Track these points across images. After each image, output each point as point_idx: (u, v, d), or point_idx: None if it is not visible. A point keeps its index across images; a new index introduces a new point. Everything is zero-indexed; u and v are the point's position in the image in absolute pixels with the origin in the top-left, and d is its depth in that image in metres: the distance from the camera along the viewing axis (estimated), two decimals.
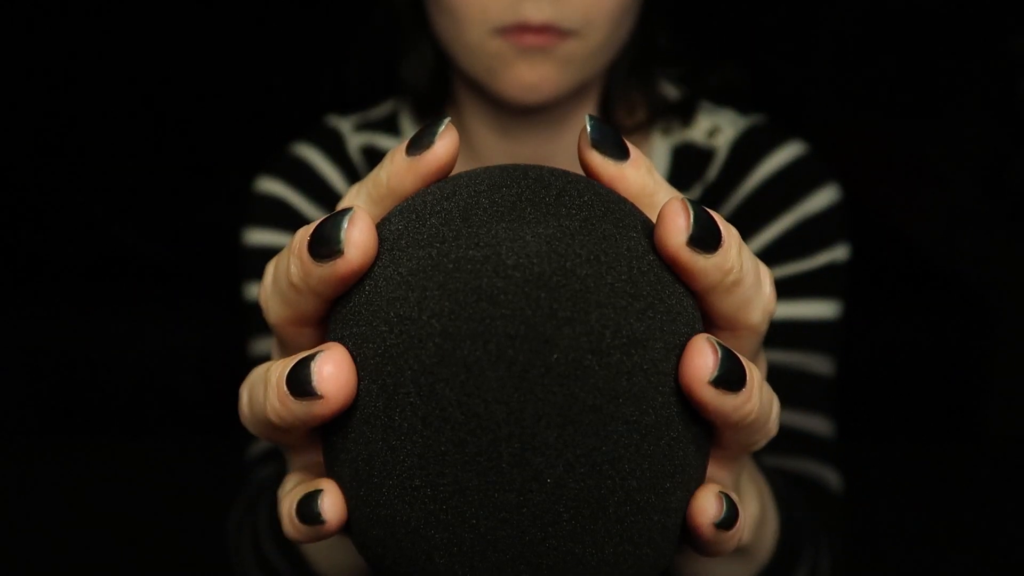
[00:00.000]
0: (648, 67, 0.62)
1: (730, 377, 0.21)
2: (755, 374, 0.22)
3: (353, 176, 0.65)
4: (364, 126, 0.67)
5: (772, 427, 0.25)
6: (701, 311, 0.24)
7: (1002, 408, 1.82)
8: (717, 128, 0.63)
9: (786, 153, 0.61)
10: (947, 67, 2.12)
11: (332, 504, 0.23)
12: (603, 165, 0.24)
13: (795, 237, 0.59)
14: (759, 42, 2.06)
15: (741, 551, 0.36)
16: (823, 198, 0.60)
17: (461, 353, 0.20)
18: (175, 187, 2.09)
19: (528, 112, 0.58)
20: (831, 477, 0.57)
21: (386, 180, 0.24)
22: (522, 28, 0.50)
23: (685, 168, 0.63)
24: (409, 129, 0.66)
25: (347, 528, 0.24)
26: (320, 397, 0.21)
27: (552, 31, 0.51)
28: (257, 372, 0.24)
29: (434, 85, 0.62)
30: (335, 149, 0.65)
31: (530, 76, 0.52)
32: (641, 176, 0.24)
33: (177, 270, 1.94)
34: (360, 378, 0.21)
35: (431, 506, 0.21)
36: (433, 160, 0.24)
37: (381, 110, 0.68)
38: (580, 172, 0.60)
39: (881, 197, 2.10)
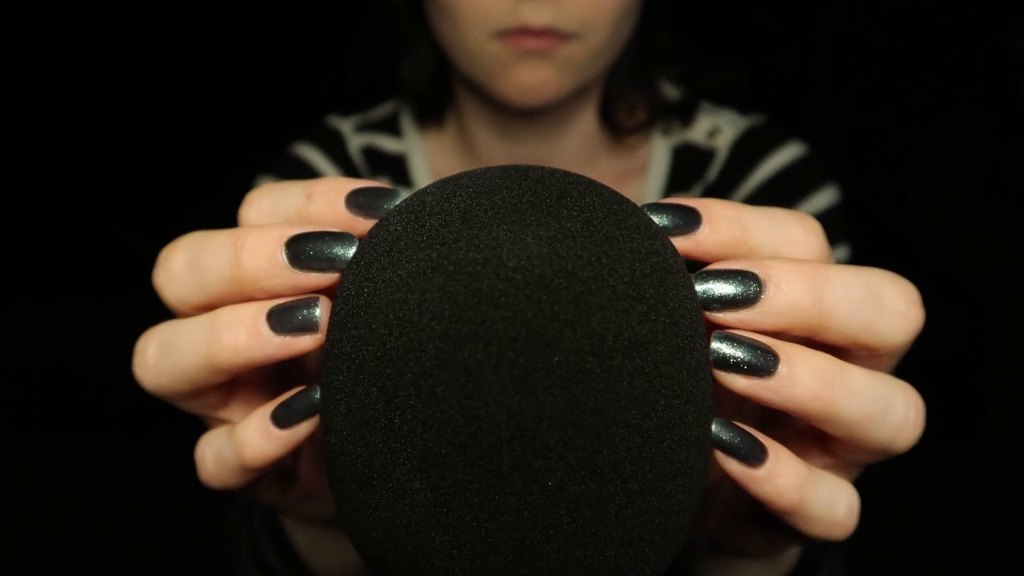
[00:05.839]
0: (648, 68, 0.62)
1: (742, 364, 0.22)
2: (807, 360, 0.22)
3: (353, 176, 0.65)
4: (365, 127, 0.66)
5: (908, 428, 0.23)
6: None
7: (1002, 408, 1.82)
8: (717, 128, 0.63)
9: (786, 154, 0.61)
10: (947, 67, 2.12)
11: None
12: (677, 244, 0.23)
13: None
14: (759, 42, 2.06)
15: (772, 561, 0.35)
16: (823, 199, 0.60)
17: (462, 356, 0.20)
18: (175, 186, 2.09)
19: (528, 114, 0.58)
20: None
21: (315, 219, 0.24)
22: (522, 32, 0.50)
23: (685, 168, 0.63)
24: (410, 130, 0.66)
25: (346, 529, 0.24)
26: (317, 333, 0.23)
27: (552, 34, 0.51)
28: (176, 325, 0.25)
29: (433, 86, 0.62)
30: (335, 149, 0.65)
31: (530, 79, 0.52)
32: (723, 234, 0.23)
33: None
34: (359, 381, 0.21)
35: (431, 509, 0.20)
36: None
37: (382, 111, 0.67)
38: (581, 173, 0.60)
39: (881, 197, 2.09)
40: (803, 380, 0.22)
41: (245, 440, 0.24)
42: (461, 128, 0.63)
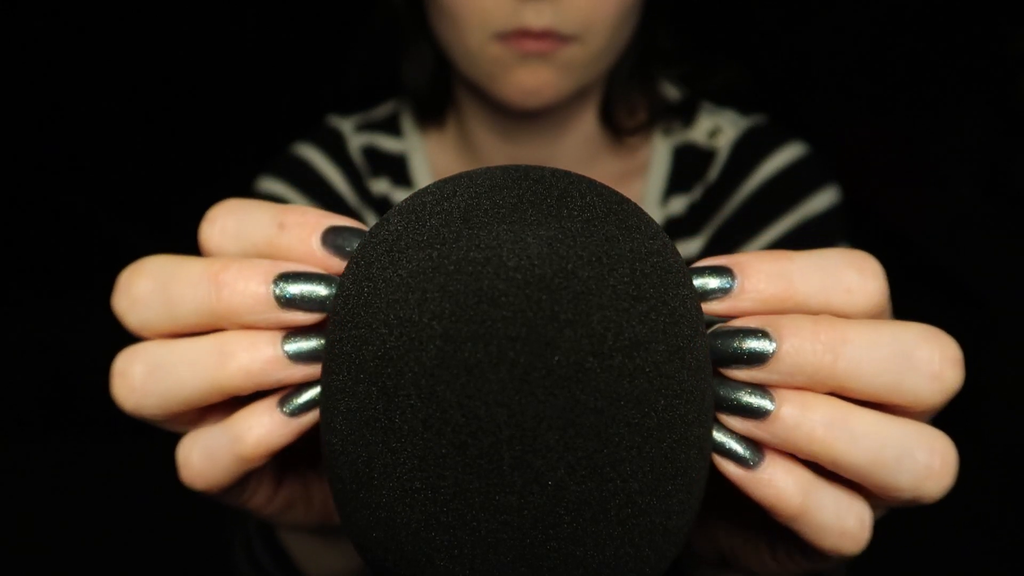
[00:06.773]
0: (649, 68, 0.62)
1: (737, 408, 0.22)
2: (804, 403, 0.22)
3: (354, 176, 0.65)
4: (365, 126, 0.66)
5: (933, 477, 0.22)
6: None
7: (1002, 409, 1.82)
8: (718, 128, 0.63)
9: (787, 154, 0.61)
10: (947, 67, 2.12)
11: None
12: (709, 309, 0.23)
13: (796, 238, 0.59)
14: (759, 42, 2.06)
15: None
16: (823, 199, 0.60)
17: (462, 355, 0.20)
18: (176, 187, 2.09)
19: (529, 115, 0.58)
20: None
21: (285, 252, 0.24)
22: (522, 34, 0.50)
23: (686, 169, 0.63)
24: (410, 130, 0.66)
25: (346, 529, 0.24)
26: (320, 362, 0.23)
27: (552, 36, 0.50)
28: (168, 346, 0.24)
29: (434, 87, 0.62)
30: (336, 149, 0.65)
31: (530, 81, 0.52)
32: (763, 292, 0.22)
33: None
34: (360, 381, 0.21)
35: (431, 508, 0.20)
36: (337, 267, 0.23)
37: (382, 111, 0.67)
38: (581, 173, 0.60)
39: (881, 197, 2.09)
40: (799, 422, 0.22)
41: (249, 428, 0.24)
42: (462, 128, 0.63)
